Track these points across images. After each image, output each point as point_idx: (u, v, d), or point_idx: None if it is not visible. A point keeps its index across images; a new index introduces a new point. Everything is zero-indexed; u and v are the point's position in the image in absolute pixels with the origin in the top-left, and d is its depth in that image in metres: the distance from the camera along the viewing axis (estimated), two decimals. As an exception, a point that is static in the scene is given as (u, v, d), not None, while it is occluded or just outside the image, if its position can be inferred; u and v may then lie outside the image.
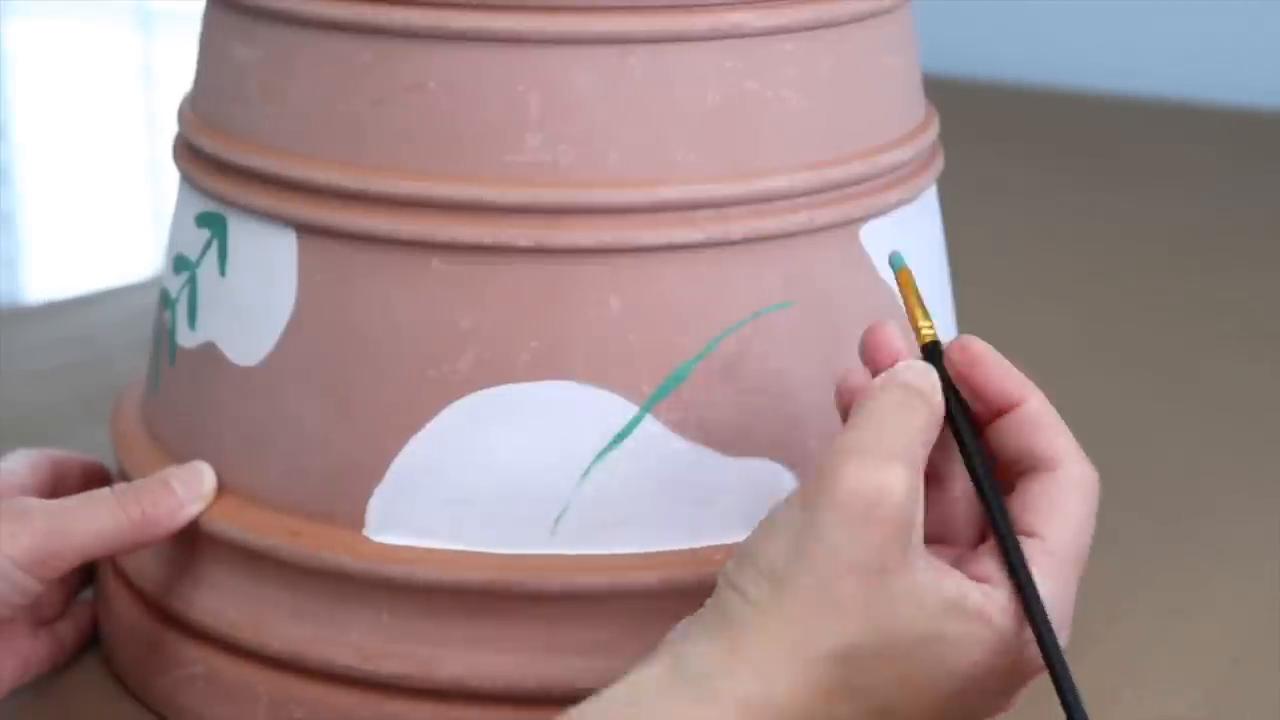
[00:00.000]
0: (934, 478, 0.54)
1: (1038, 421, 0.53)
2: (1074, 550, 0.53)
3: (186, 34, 0.74)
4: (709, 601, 0.51)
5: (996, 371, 0.53)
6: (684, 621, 0.52)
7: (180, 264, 0.65)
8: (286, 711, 0.61)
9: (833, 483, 0.50)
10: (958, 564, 0.52)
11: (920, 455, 0.51)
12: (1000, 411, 0.54)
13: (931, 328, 0.55)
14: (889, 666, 0.50)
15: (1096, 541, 0.79)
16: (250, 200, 0.61)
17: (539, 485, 0.59)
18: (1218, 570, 0.76)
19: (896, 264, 0.57)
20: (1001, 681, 0.52)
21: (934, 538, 0.54)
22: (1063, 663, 0.50)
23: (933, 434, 0.52)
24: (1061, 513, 0.52)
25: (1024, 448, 0.53)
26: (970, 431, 0.54)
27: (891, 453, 0.50)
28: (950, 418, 0.53)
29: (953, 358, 0.54)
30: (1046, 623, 0.51)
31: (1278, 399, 0.95)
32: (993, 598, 0.51)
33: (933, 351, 0.55)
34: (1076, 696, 0.50)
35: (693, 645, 0.50)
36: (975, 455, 0.53)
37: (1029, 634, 0.51)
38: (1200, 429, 0.91)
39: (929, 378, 0.53)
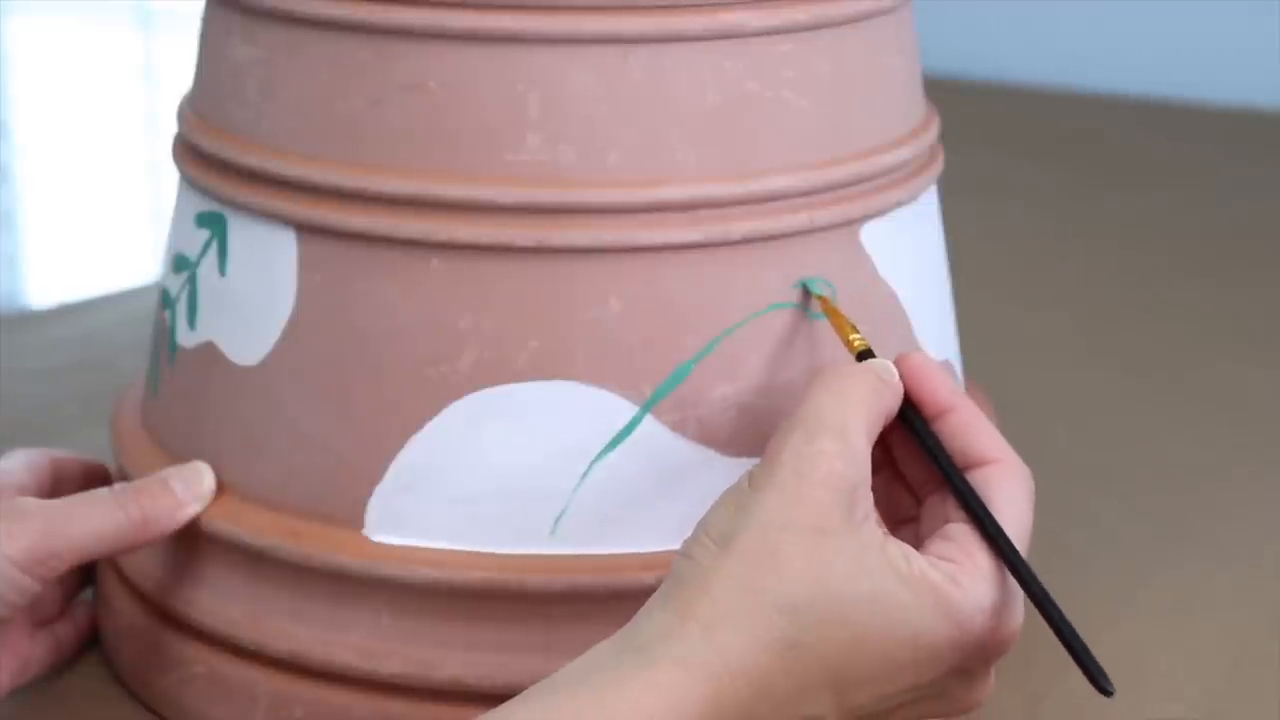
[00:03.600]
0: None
1: (971, 424, 0.56)
2: (1015, 533, 0.54)
3: (186, 34, 0.74)
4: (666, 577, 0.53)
5: (931, 380, 0.56)
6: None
7: (180, 263, 0.65)
8: (287, 711, 0.61)
9: (771, 458, 0.52)
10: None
11: (856, 427, 0.53)
12: (935, 418, 0.56)
13: (862, 338, 0.58)
14: (837, 627, 0.50)
15: (1097, 541, 0.80)
16: (250, 200, 0.61)
17: (539, 485, 0.59)
18: (1218, 570, 0.76)
19: (815, 291, 0.60)
20: (960, 657, 0.52)
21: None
22: (1065, 621, 0.51)
23: (875, 406, 0.54)
24: (1000, 501, 0.54)
25: (958, 449, 0.55)
26: (925, 426, 0.56)
27: (823, 425, 0.52)
28: (906, 418, 0.56)
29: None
30: (1043, 591, 0.52)
31: (1277, 399, 0.95)
32: (943, 569, 0.52)
33: (865, 358, 0.57)
34: (1086, 651, 0.51)
35: (645, 616, 0.51)
36: (931, 443, 0.55)
37: (989, 609, 0.52)
38: (1200, 429, 0.91)
39: (853, 367, 0.55)
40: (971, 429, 0.55)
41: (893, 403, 0.55)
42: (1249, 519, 0.81)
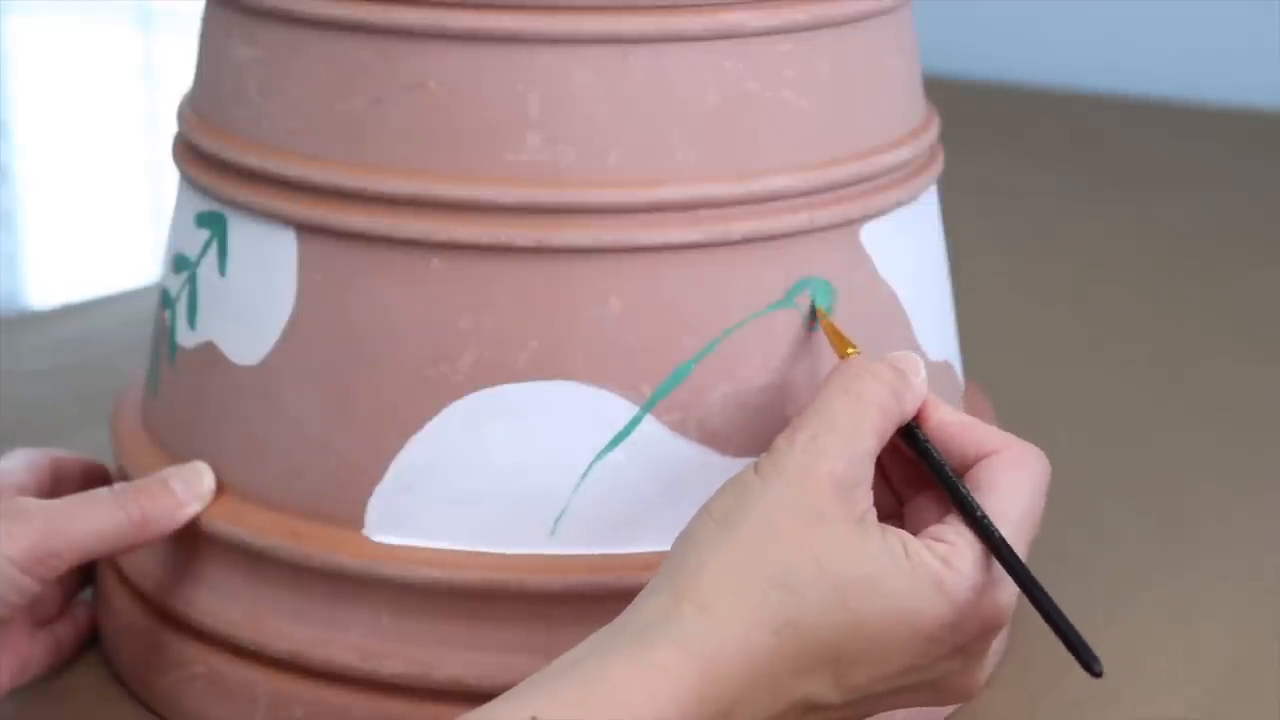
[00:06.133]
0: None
1: (961, 425, 0.56)
2: (1017, 519, 0.54)
3: (186, 34, 0.74)
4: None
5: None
6: None
7: (180, 263, 0.65)
8: (286, 711, 0.61)
9: (779, 450, 0.53)
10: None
11: (865, 431, 0.53)
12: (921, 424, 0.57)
13: (857, 350, 0.58)
14: (837, 611, 0.51)
15: (1096, 542, 0.80)
16: (250, 200, 0.61)
17: (539, 485, 0.59)
18: (1218, 570, 0.76)
19: (817, 302, 0.60)
20: (956, 636, 0.53)
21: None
22: (1045, 595, 0.52)
23: (890, 410, 0.55)
24: (1003, 488, 0.54)
25: (953, 452, 0.56)
26: (913, 428, 0.56)
27: (833, 427, 0.53)
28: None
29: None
30: (1022, 566, 0.52)
31: (1277, 399, 0.95)
32: (937, 551, 0.52)
33: None
34: (1075, 632, 0.51)
35: (643, 599, 0.52)
36: (919, 437, 0.56)
37: (980, 584, 0.52)
38: (1200, 429, 0.91)
39: (875, 367, 0.55)
40: (955, 429, 0.56)
41: (912, 405, 0.56)
42: (1249, 519, 0.81)
